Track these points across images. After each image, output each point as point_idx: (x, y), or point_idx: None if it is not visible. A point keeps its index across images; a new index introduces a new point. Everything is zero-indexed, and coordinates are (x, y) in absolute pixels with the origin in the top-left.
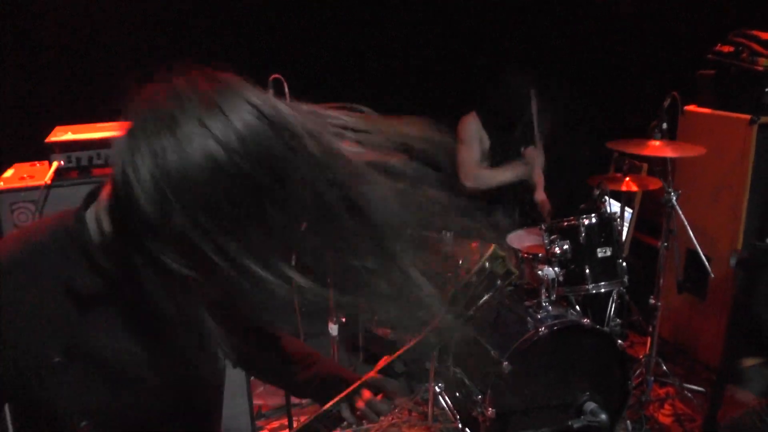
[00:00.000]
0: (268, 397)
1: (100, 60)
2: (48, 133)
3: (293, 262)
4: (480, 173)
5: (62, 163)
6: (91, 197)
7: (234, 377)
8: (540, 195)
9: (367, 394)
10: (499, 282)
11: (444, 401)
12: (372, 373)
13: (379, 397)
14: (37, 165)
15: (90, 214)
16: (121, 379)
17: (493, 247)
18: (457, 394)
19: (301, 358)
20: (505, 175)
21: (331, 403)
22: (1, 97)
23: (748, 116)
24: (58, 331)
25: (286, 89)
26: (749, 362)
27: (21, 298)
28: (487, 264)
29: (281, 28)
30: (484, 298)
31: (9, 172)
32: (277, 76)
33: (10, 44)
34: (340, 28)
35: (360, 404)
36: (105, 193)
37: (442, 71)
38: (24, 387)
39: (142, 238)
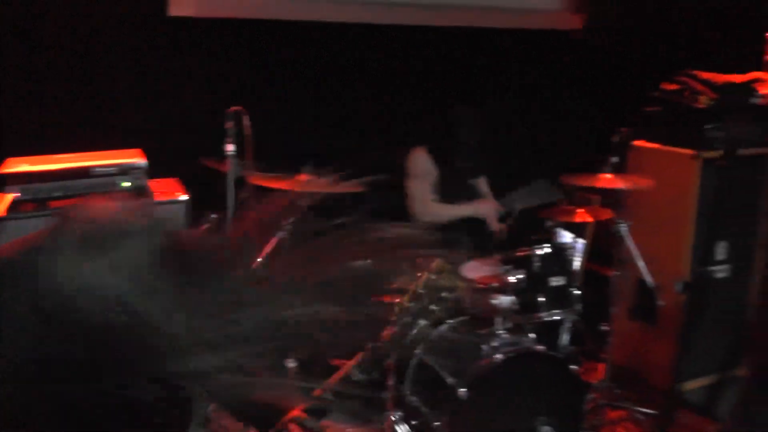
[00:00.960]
0: None
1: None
2: None
3: None
4: (436, 208)
5: (18, 195)
6: None
7: None
8: (494, 225)
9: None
10: (445, 294)
11: (401, 430)
12: (297, 411)
13: None
14: None
15: None
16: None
17: (436, 260)
18: (414, 422)
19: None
20: (456, 211)
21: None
22: None
23: (692, 151)
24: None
25: (246, 121)
26: (694, 384)
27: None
28: (433, 277)
29: (242, 59)
30: (433, 309)
31: None
32: (237, 108)
33: None
34: (298, 62)
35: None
36: None
37: (391, 105)
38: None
39: None
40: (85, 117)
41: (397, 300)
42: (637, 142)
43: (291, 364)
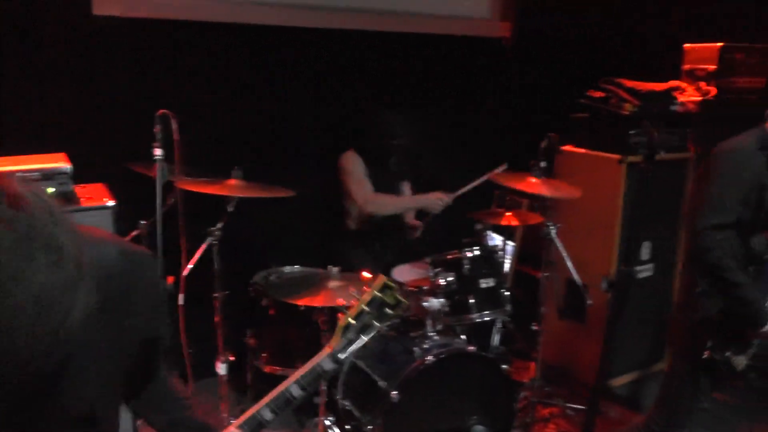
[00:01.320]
0: None
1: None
2: None
3: None
4: (379, 200)
5: None
6: None
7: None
8: (411, 220)
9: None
10: (389, 311)
11: None
12: (235, 425)
13: None
14: None
15: None
16: None
17: (382, 277)
18: (348, 427)
19: (178, 399)
20: (404, 202)
21: None
22: None
23: (618, 156)
24: None
25: (174, 124)
26: (622, 380)
27: None
28: (377, 293)
29: (169, 61)
30: (377, 326)
31: None
32: (165, 111)
33: None
34: (225, 65)
35: None
36: None
37: (320, 108)
38: None
39: None
40: (5, 119)
41: (341, 316)
42: (564, 147)
43: (221, 370)
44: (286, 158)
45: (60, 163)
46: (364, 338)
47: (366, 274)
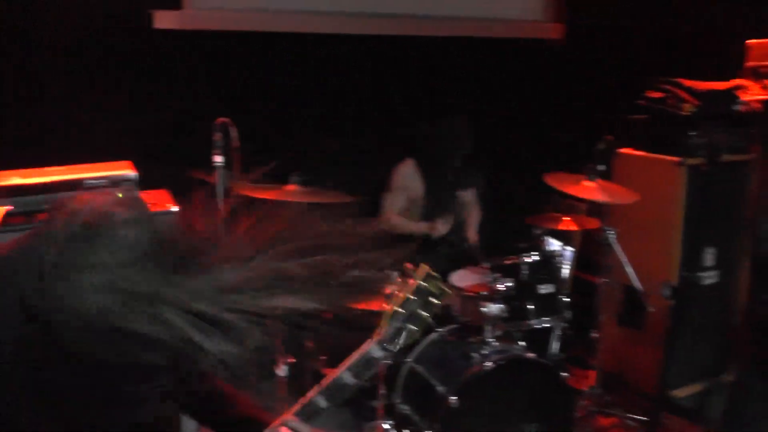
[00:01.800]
0: None
1: (46, 105)
2: None
3: None
4: (394, 221)
5: (12, 207)
6: None
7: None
8: (472, 236)
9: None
10: (433, 300)
11: None
12: (288, 415)
13: None
14: None
15: None
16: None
17: (425, 267)
18: (405, 431)
19: (225, 395)
20: (415, 228)
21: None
22: None
23: (677, 158)
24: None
25: (233, 132)
26: (685, 391)
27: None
28: (422, 282)
29: (228, 71)
30: (422, 315)
31: None
32: (223, 119)
33: None
34: (282, 74)
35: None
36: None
37: (375, 116)
38: None
39: None
40: (74, 130)
41: (387, 306)
42: (622, 150)
43: (281, 372)
44: (344, 164)
45: (126, 170)
46: (412, 327)
47: (408, 265)
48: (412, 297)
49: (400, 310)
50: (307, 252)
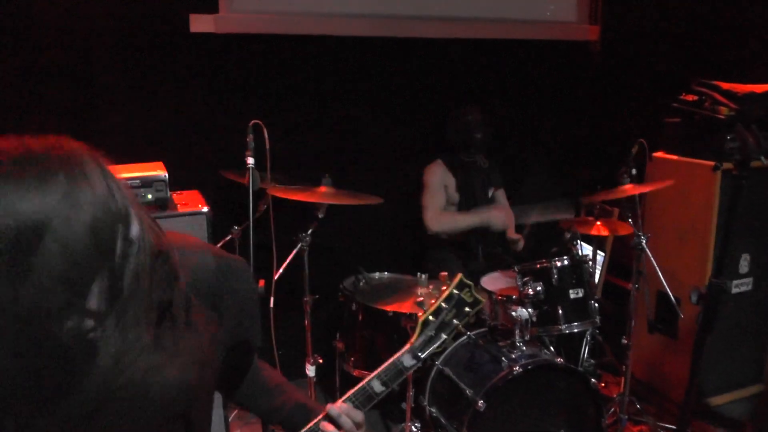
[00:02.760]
0: (245, 428)
1: (82, 106)
2: None
3: None
4: (443, 218)
5: None
6: None
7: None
8: (512, 234)
9: (329, 427)
10: (467, 309)
11: None
12: (339, 402)
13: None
14: None
15: None
16: None
17: (459, 275)
18: None
19: (274, 386)
20: (466, 220)
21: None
22: None
23: (712, 162)
24: None
25: (266, 134)
26: (719, 399)
27: None
28: (455, 291)
29: (261, 74)
30: (455, 324)
31: None
32: (257, 121)
33: None
34: (315, 77)
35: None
36: None
37: (407, 118)
38: None
39: None
40: (108, 131)
41: (420, 313)
42: (656, 154)
43: (310, 372)
44: (375, 166)
45: (158, 171)
46: (444, 336)
47: (443, 274)
48: (444, 305)
49: (432, 318)
50: None
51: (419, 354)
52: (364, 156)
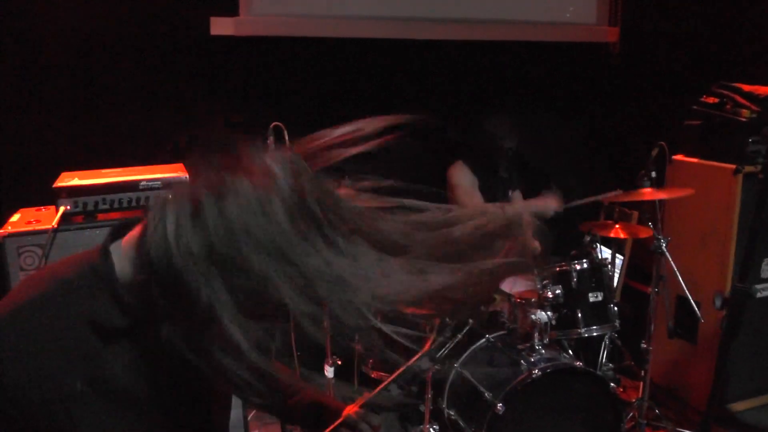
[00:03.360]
0: (263, 428)
1: (106, 109)
2: (51, 178)
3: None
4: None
5: (69, 207)
6: (117, 232)
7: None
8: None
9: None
10: (482, 308)
11: None
12: (355, 406)
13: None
14: (43, 210)
15: (116, 249)
16: (137, 414)
17: None
18: None
19: (290, 384)
20: (521, 209)
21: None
22: (6, 142)
23: (733, 165)
24: (81, 362)
25: (286, 136)
26: (741, 406)
27: (48, 332)
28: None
29: (281, 77)
30: (470, 323)
31: (15, 217)
32: (277, 123)
33: (18, 90)
34: (335, 79)
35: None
36: (136, 233)
37: (433, 123)
38: (51, 419)
39: (165, 299)
40: (132, 133)
41: (436, 317)
42: (676, 156)
43: (329, 373)
44: (391, 168)
45: (178, 173)
46: (458, 336)
47: None
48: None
49: (448, 320)
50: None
51: (436, 356)
52: (381, 157)
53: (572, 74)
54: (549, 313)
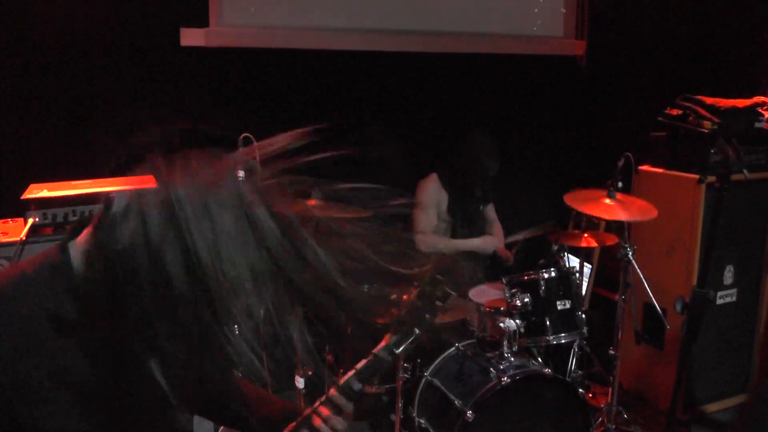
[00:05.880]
0: None
1: (74, 120)
2: (19, 190)
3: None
4: (435, 241)
5: (37, 219)
6: (75, 231)
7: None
8: (503, 251)
9: (325, 411)
10: (439, 303)
11: None
12: (332, 391)
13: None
14: (10, 222)
15: (72, 246)
16: (97, 408)
17: (430, 273)
18: None
19: (254, 399)
20: (458, 246)
21: (291, 426)
22: None
23: (696, 175)
24: (39, 354)
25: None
26: (714, 407)
27: (8, 328)
28: (427, 288)
29: (251, 88)
30: (428, 319)
31: None
32: (247, 134)
33: None
34: (305, 90)
35: (317, 422)
36: (89, 229)
37: (403, 134)
38: (12, 415)
39: (120, 286)
40: (100, 145)
41: (394, 310)
42: (642, 167)
43: (299, 384)
44: (364, 179)
45: (148, 184)
46: (417, 331)
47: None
48: (417, 302)
49: (405, 315)
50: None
51: (394, 350)
52: (354, 168)
53: (540, 86)
54: (518, 321)
